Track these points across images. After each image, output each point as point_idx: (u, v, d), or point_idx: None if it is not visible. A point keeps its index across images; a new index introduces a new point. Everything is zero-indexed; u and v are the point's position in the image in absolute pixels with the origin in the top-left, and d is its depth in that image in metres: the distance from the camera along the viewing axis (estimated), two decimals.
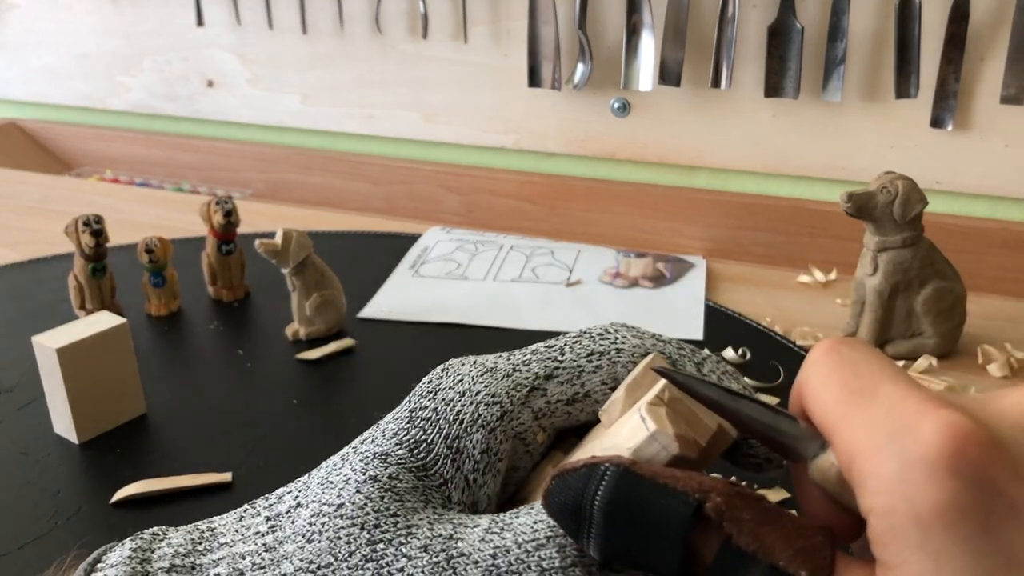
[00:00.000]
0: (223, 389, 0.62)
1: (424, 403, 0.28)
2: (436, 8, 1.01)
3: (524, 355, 0.29)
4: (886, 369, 0.22)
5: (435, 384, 0.29)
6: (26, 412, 0.59)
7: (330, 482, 0.27)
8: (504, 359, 0.29)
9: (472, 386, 0.28)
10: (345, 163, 1.12)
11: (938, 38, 0.82)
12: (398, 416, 0.29)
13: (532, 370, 0.29)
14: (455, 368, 0.29)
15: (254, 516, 0.28)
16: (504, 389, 0.28)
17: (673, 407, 0.24)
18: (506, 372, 0.28)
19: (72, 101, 1.27)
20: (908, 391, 0.21)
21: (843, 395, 0.22)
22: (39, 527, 0.48)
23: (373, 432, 0.29)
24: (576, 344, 0.29)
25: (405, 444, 0.27)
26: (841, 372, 0.23)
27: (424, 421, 0.27)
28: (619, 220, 1.00)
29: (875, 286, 0.65)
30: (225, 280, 0.75)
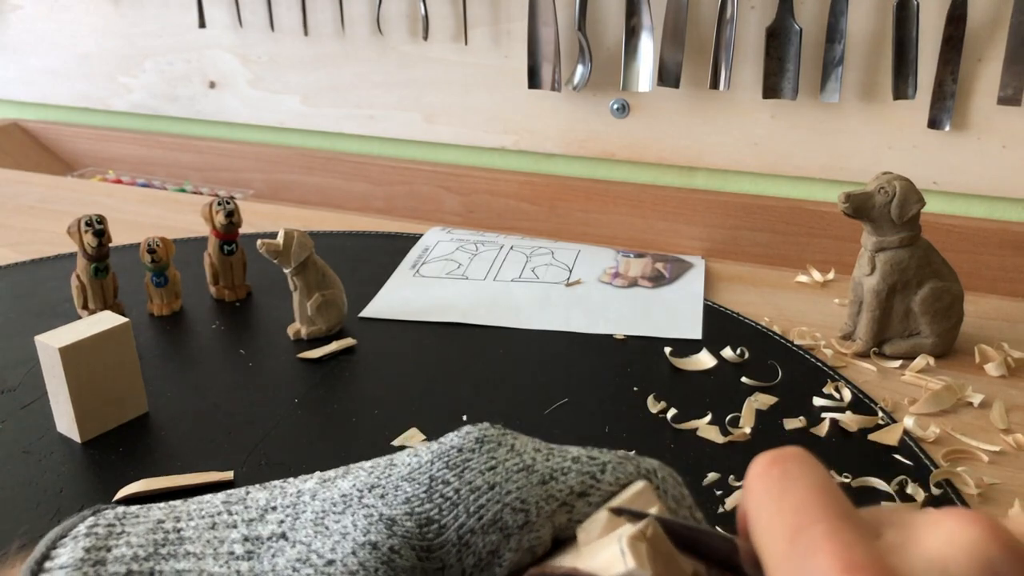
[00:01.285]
0: (225, 388, 0.62)
1: (448, 477, 0.26)
2: (436, 10, 1.01)
3: (564, 460, 0.27)
4: (814, 502, 0.21)
5: (464, 458, 0.26)
6: (29, 411, 0.59)
7: (325, 527, 0.25)
8: (543, 457, 0.27)
9: (504, 483, 0.26)
10: (346, 164, 1.13)
11: (936, 39, 0.82)
12: (416, 477, 0.26)
13: (568, 483, 0.26)
14: (490, 448, 0.27)
15: (229, 527, 0.26)
16: (535, 498, 0.26)
17: (654, 545, 0.23)
18: (543, 478, 0.26)
19: (74, 102, 1.27)
20: (826, 539, 0.20)
21: (771, 538, 0.21)
22: (41, 526, 0.48)
23: (384, 482, 0.26)
24: (619, 468, 0.27)
25: (416, 517, 0.25)
26: (769, 507, 0.22)
27: (443, 499, 0.25)
28: (618, 220, 1.01)
29: (873, 286, 0.65)
30: (227, 280, 0.76)
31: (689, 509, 0.27)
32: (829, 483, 0.22)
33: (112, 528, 0.26)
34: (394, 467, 0.27)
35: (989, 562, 0.19)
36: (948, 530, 0.20)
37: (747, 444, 0.56)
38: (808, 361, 0.66)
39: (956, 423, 0.59)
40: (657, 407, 0.59)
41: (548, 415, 0.59)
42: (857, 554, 0.20)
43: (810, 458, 0.23)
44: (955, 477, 0.53)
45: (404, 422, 0.58)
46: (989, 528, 0.20)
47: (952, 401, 0.61)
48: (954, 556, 0.20)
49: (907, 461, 0.54)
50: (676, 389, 0.62)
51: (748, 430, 0.57)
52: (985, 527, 0.20)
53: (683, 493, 0.27)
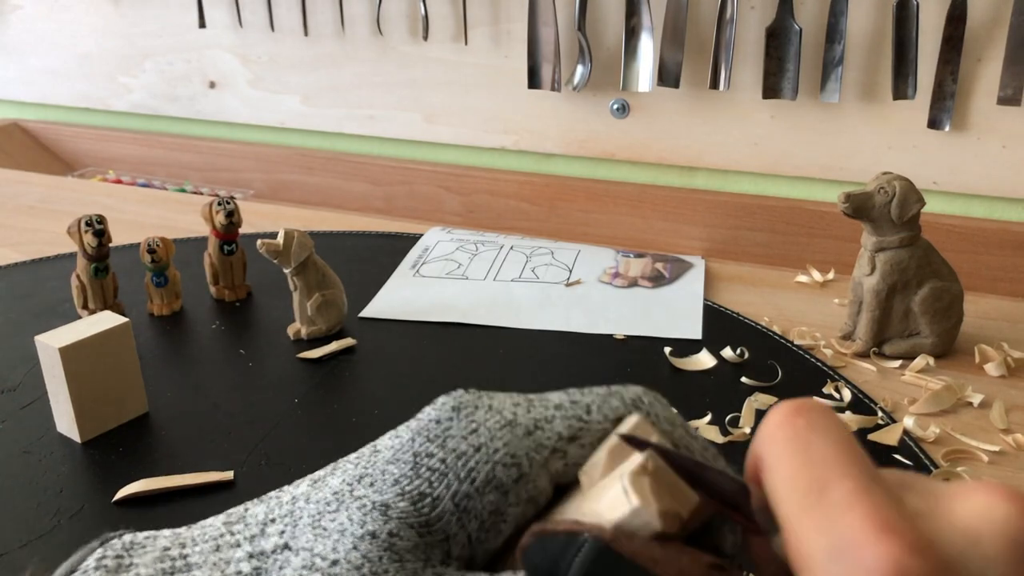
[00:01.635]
0: (225, 388, 0.62)
1: (431, 449, 0.25)
2: (436, 10, 1.01)
3: (547, 408, 0.26)
4: (840, 457, 0.21)
5: (444, 428, 0.26)
6: (29, 411, 0.59)
7: (323, 528, 0.25)
8: (524, 410, 0.26)
9: (489, 441, 0.25)
10: (346, 164, 1.13)
11: (936, 39, 0.82)
12: (400, 458, 0.26)
13: (555, 429, 0.26)
14: (468, 412, 0.26)
15: (233, 547, 0.26)
16: (524, 449, 0.25)
17: (657, 477, 0.23)
18: (527, 429, 0.25)
19: (74, 102, 1.27)
20: (856, 498, 0.20)
21: (793, 490, 0.21)
22: (42, 525, 0.48)
23: (371, 470, 0.26)
24: (605, 405, 0.26)
25: (408, 495, 0.25)
26: (793, 458, 0.21)
27: (430, 472, 0.25)
28: (618, 220, 1.01)
29: (872, 286, 0.65)
30: (227, 280, 0.76)
31: (683, 427, 0.26)
32: (853, 440, 0.22)
33: (120, 560, 0.25)
34: (378, 453, 0.27)
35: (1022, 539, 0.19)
36: (981, 503, 0.20)
37: (747, 444, 0.56)
38: (808, 361, 0.66)
39: (956, 423, 0.59)
40: None
41: None
42: (891, 515, 0.19)
43: (832, 412, 0.22)
44: (955, 477, 0.53)
45: (404, 422, 0.58)
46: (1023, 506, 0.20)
47: (952, 401, 0.61)
48: (988, 530, 0.19)
49: (907, 461, 0.54)
50: (676, 389, 0.62)
51: (748, 430, 0.57)
52: (1021, 505, 0.20)
53: (672, 414, 0.27)
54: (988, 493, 0.20)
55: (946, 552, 0.19)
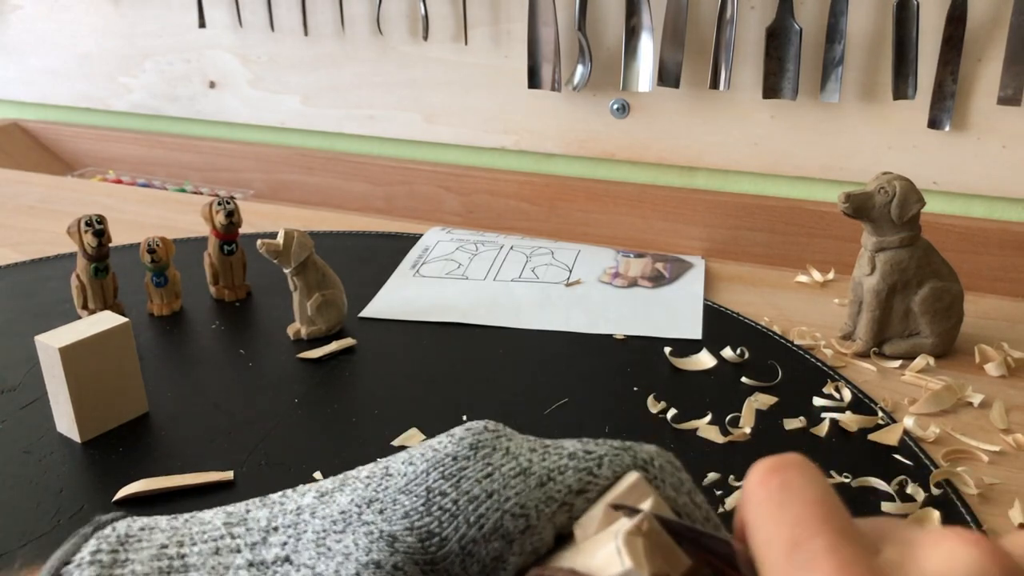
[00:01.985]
0: (225, 388, 0.62)
1: (445, 488, 0.26)
2: (436, 10, 1.01)
3: (560, 457, 0.27)
4: (814, 515, 0.21)
5: (459, 467, 0.26)
6: (29, 411, 0.59)
7: (327, 548, 0.25)
8: (539, 457, 0.27)
9: (502, 489, 0.25)
10: (346, 164, 1.13)
11: (936, 39, 0.82)
12: (412, 490, 0.26)
13: (566, 482, 0.26)
14: (485, 454, 0.26)
15: (233, 552, 0.26)
16: (535, 501, 0.25)
17: (651, 539, 0.23)
18: (540, 480, 0.26)
19: (74, 102, 1.27)
20: (826, 554, 0.20)
21: (770, 549, 0.21)
22: (42, 525, 0.48)
23: (381, 495, 0.26)
24: (616, 460, 0.27)
25: (416, 531, 0.25)
26: (769, 519, 0.21)
27: (441, 511, 0.25)
28: (618, 220, 1.01)
29: (872, 286, 0.65)
30: (227, 280, 0.76)
31: (689, 495, 0.27)
32: (829, 495, 0.22)
33: (116, 555, 0.25)
34: (390, 478, 0.27)
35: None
36: (948, 550, 0.20)
37: (747, 444, 0.56)
38: (808, 361, 0.66)
39: (956, 423, 0.59)
40: (657, 407, 0.59)
41: (548, 415, 0.59)
42: (858, 570, 0.19)
43: (810, 467, 0.22)
44: (955, 477, 0.53)
45: (404, 422, 0.58)
46: (989, 550, 0.20)
47: (952, 401, 0.61)
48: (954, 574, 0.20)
49: (907, 461, 0.54)
50: (676, 389, 0.62)
51: (748, 430, 0.57)
52: (985, 549, 0.20)
53: (681, 479, 0.27)
54: (955, 540, 0.20)
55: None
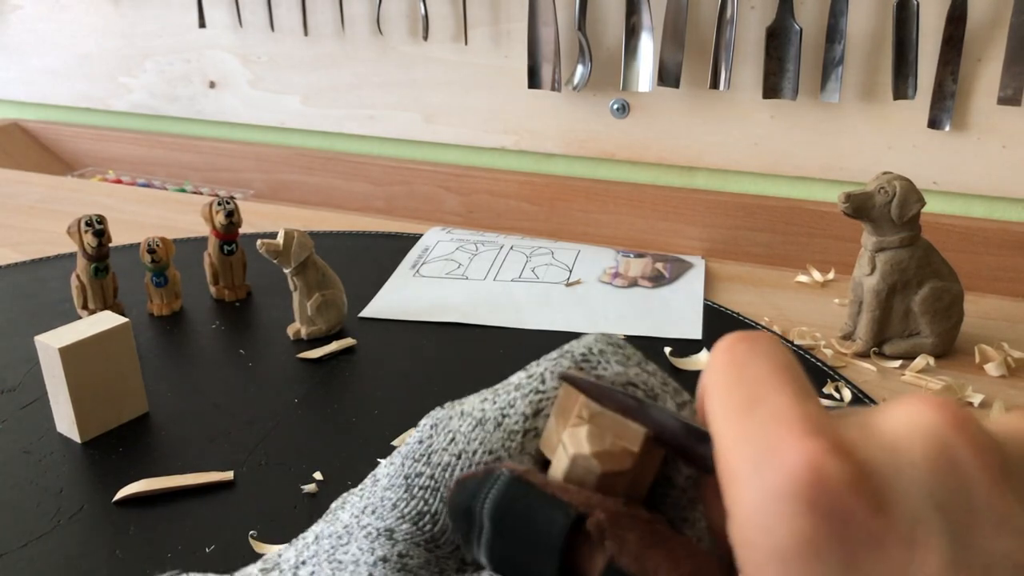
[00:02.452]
0: (225, 388, 0.62)
1: (419, 469, 0.26)
2: (436, 10, 1.01)
3: (509, 394, 0.27)
4: (774, 376, 0.21)
5: (426, 446, 0.27)
6: (29, 411, 0.59)
7: (339, 561, 0.26)
8: (490, 403, 0.27)
9: (467, 446, 0.26)
10: (346, 164, 1.13)
11: (936, 39, 0.82)
12: (394, 483, 0.27)
13: (519, 411, 0.26)
14: (444, 424, 0.27)
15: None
16: (499, 442, 0.26)
17: (596, 422, 0.23)
18: (496, 421, 0.26)
19: (74, 102, 1.27)
20: (785, 409, 0.20)
21: (725, 407, 0.21)
22: (42, 526, 0.48)
23: (371, 499, 0.27)
24: (556, 368, 0.27)
25: (408, 517, 0.26)
26: (728, 378, 0.21)
27: (422, 490, 0.26)
28: (618, 220, 1.01)
29: (873, 286, 0.65)
30: (227, 280, 0.76)
31: (639, 365, 0.27)
32: (794, 363, 0.22)
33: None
34: (376, 481, 0.27)
35: (945, 447, 0.19)
36: (907, 412, 0.20)
37: None
38: (808, 361, 0.66)
39: None
40: None
41: None
42: (817, 422, 0.19)
43: (776, 340, 0.22)
44: None
45: (404, 422, 0.58)
46: (951, 415, 0.19)
47: None
48: (912, 436, 0.19)
49: None
50: None
51: None
52: (947, 414, 0.19)
53: (627, 354, 0.27)
54: (913, 403, 0.20)
55: (869, 456, 0.19)
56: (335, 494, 0.51)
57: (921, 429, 0.19)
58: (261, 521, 0.49)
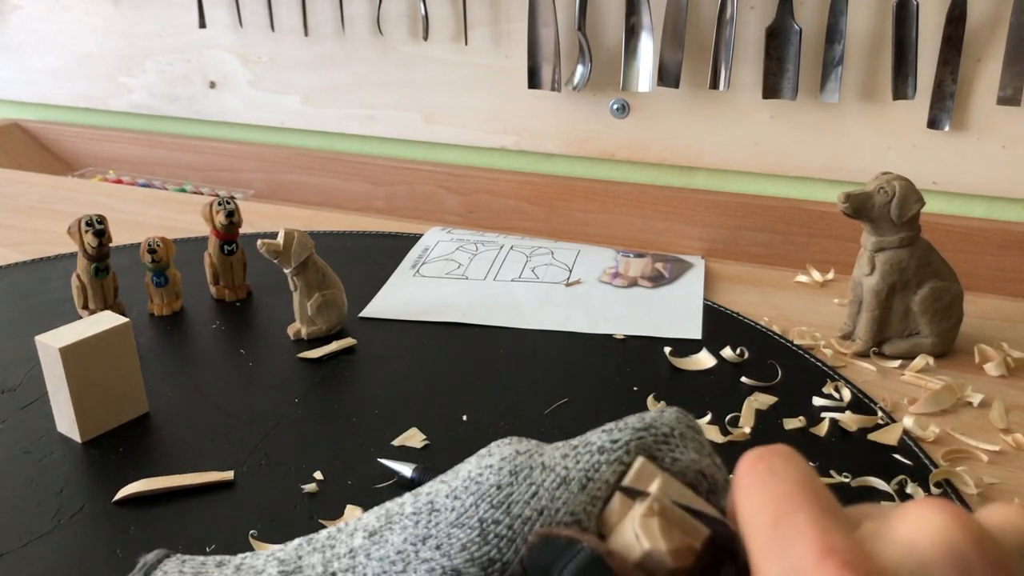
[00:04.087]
0: (225, 388, 0.62)
1: (497, 516, 0.27)
2: (436, 10, 1.01)
3: (592, 456, 0.28)
4: (796, 494, 0.22)
5: (506, 494, 0.27)
6: (29, 411, 0.59)
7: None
8: (573, 462, 0.28)
9: (550, 503, 0.27)
10: (346, 163, 1.13)
11: (935, 39, 0.82)
12: (465, 523, 0.27)
13: (603, 478, 0.27)
14: (525, 475, 0.27)
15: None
16: (581, 505, 0.27)
17: (666, 516, 0.24)
18: (580, 483, 0.27)
19: (74, 102, 1.28)
20: (806, 527, 0.21)
21: (755, 526, 0.22)
22: (42, 526, 0.48)
23: (434, 531, 0.27)
24: (641, 444, 0.28)
25: (477, 561, 0.26)
26: (755, 499, 0.23)
27: (498, 539, 0.26)
28: (618, 220, 1.01)
29: (872, 286, 0.65)
30: (227, 280, 0.76)
31: (710, 456, 0.28)
32: (812, 478, 0.23)
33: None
34: (438, 513, 0.28)
35: (952, 546, 0.20)
36: (917, 517, 0.21)
37: (747, 444, 0.56)
38: (808, 361, 0.66)
39: (956, 423, 0.59)
40: (657, 407, 0.59)
41: (548, 415, 0.59)
42: (835, 539, 0.20)
43: (795, 455, 0.24)
44: (955, 477, 0.53)
45: (404, 422, 0.58)
46: (954, 515, 0.21)
47: (952, 401, 0.61)
48: (923, 539, 0.21)
49: (907, 461, 0.54)
50: (676, 389, 0.62)
51: (748, 430, 0.57)
52: (950, 514, 0.21)
53: (702, 442, 0.28)
54: (924, 507, 0.21)
55: (885, 564, 0.20)
56: (335, 494, 0.51)
57: (931, 532, 0.21)
58: (261, 521, 0.49)
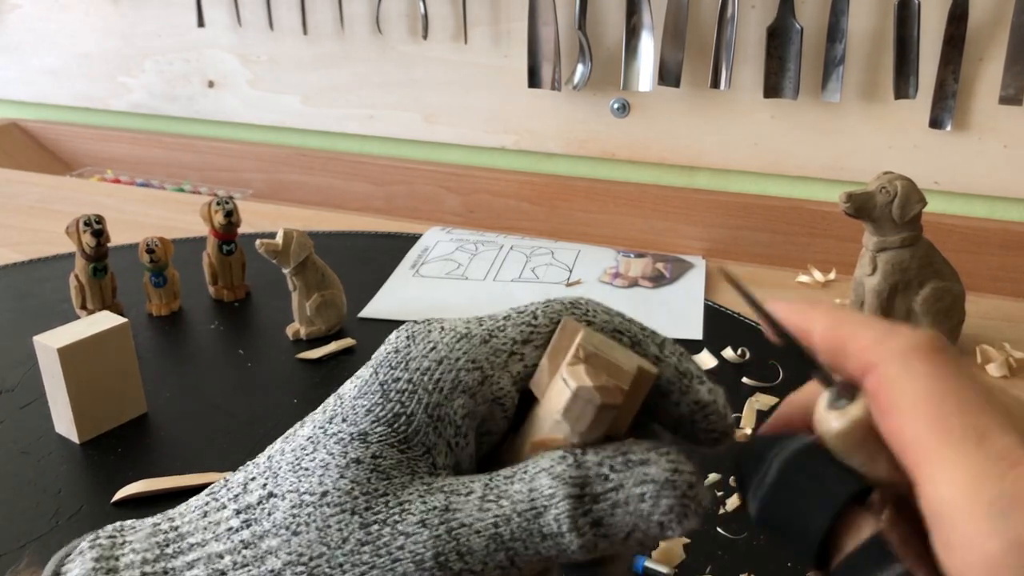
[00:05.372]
0: (224, 388, 0.62)
1: (396, 374, 0.26)
2: (436, 9, 1.01)
3: (496, 321, 0.28)
4: (993, 410, 0.20)
5: (403, 354, 0.27)
6: (27, 412, 0.59)
7: (304, 468, 0.26)
8: (476, 324, 0.28)
9: (449, 353, 0.27)
10: (346, 163, 1.13)
11: (937, 39, 0.82)
12: (367, 391, 0.27)
13: (509, 335, 0.27)
14: (423, 336, 0.27)
15: (220, 510, 0.27)
16: (484, 354, 0.27)
17: (591, 362, 0.25)
18: (483, 338, 0.27)
19: (73, 102, 1.27)
20: (1018, 451, 0.19)
21: (942, 428, 0.20)
22: (40, 526, 0.48)
23: (339, 410, 0.27)
24: (548, 309, 0.28)
25: (383, 420, 0.26)
26: (944, 398, 0.20)
27: (399, 393, 0.26)
28: (619, 220, 1.00)
29: (874, 286, 0.65)
30: (226, 280, 0.76)
31: (620, 315, 0.28)
32: (990, 385, 0.21)
33: (114, 539, 0.26)
34: (341, 397, 0.28)
35: None
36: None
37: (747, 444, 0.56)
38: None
39: None
40: None
41: None
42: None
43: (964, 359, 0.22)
44: None
45: None
46: None
47: None
48: None
49: None
50: None
51: (749, 431, 0.57)
52: None
53: (608, 308, 0.28)
54: None
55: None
56: None
57: None
58: None
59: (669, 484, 0.24)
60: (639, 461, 0.24)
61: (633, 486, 0.23)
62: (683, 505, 0.23)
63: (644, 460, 0.24)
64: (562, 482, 0.24)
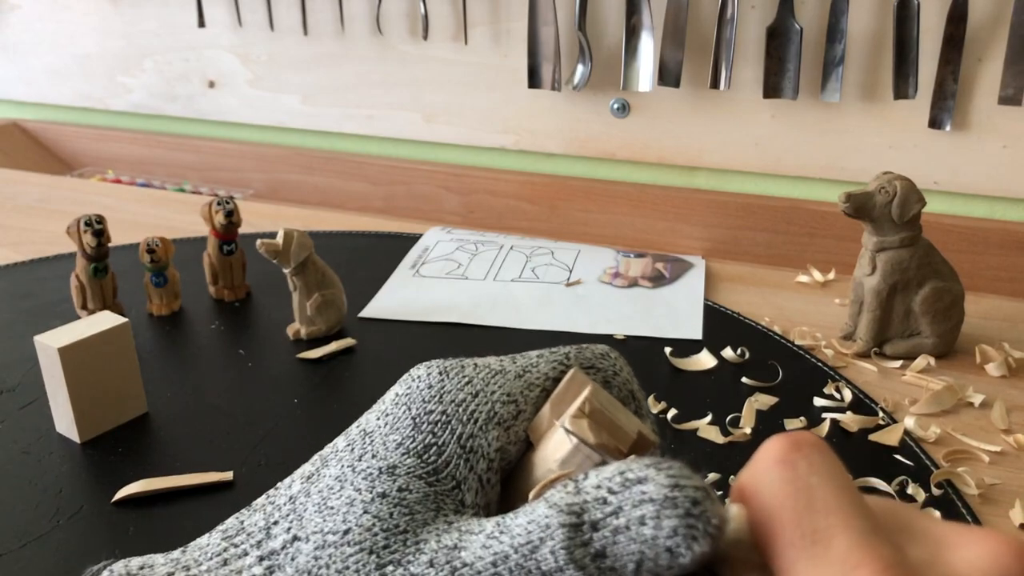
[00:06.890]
0: (224, 388, 0.62)
1: (430, 407, 0.26)
2: (436, 9, 1.01)
3: (530, 359, 0.28)
4: (843, 505, 0.20)
5: (437, 389, 0.27)
6: (28, 411, 0.59)
7: (330, 508, 0.25)
8: (509, 361, 0.28)
9: (485, 387, 0.27)
10: (346, 163, 1.13)
11: (936, 39, 0.82)
12: (398, 426, 0.26)
13: (542, 371, 0.27)
14: (457, 371, 0.27)
15: (241, 557, 0.25)
16: (519, 389, 0.27)
17: (595, 419, 0.25)
18: (517, 374, 0.27)
19: (73, 101, 1.27)
20: (862, 553, 0.19)
21: (793, 534, 0.20)
22: (41, 526, 0.48)
23: (369, 446, 0.26)
24: (580, 355, 0.28)
25: (412, 451, 0.25)
26: (795, 502, 0.21)
27: (432, 424, 0.26)
28: (619, 220, 1.00)
29: (873, 286, 0.65)
30: (226, 280, 0.76)
31: (640, 388, 0.29)
32: (851, 482, 0.21)
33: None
34: (371, 434, 0.27)
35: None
36: (985, 554, 0.20)
37: (747, 444, 0.56)
38: (809, 361, 0.66)
39: (957, 423, 0.59)
40: (657, 407, 0.59)
41: None
42: (895, 571, 0.19)
43: (830, 451, 0.22)
44: (956, 477, 0.53)
45: None
46: (1018, 554, 0.19)
47: (953, 401, 0.61)
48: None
49: (908, 461, 0.54)
50: (676, 389, 0.62)
51: (748, 430, 0.57)
52: (1017, 552, 0.19)
53: (632, 372, 0.29)
54: (991, 543, 0.20)
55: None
56: None
57: (994, 572, 0.19)
58: None
59: (669, 502, 0.21)
60: (636, 479, 0.21)
61: (632, 508, 0.21)
62: (688, 526, 0.21)
63: (642, 478, 0.21)
64: (557, 510, 0.22)
